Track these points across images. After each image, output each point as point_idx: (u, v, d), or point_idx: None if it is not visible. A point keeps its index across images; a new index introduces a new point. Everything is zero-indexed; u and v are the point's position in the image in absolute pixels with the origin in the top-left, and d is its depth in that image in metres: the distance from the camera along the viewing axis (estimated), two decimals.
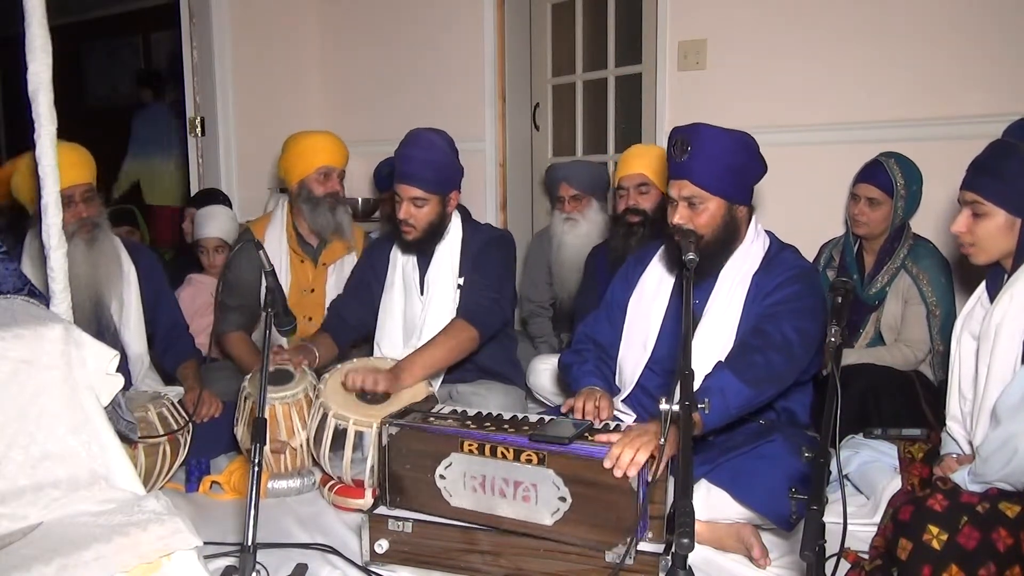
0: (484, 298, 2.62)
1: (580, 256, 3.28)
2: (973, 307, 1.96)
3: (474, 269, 2.68)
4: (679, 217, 2.09)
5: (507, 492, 1.90)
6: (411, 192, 2.58)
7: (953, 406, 1.99)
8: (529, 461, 1.87)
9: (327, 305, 2.94)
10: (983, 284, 1.96)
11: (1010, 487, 1.67)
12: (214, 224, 3.49)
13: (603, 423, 2.06)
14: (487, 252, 2.71)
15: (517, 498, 1.89)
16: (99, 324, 2.61)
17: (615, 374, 2.36)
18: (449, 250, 2.71)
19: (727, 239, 2.14)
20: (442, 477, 1.97)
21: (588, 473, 1.82)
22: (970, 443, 1.92)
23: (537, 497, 1.87)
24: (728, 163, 2.06)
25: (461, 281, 2.70)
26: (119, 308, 2.71)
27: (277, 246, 2.96)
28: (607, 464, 1.78)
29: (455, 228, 2.73)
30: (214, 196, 3.92)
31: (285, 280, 2.96)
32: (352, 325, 2.82)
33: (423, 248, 2.69)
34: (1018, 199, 1.82)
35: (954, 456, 1.98)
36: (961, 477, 1.77)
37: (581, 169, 3.39)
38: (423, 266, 2.73)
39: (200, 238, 3.50)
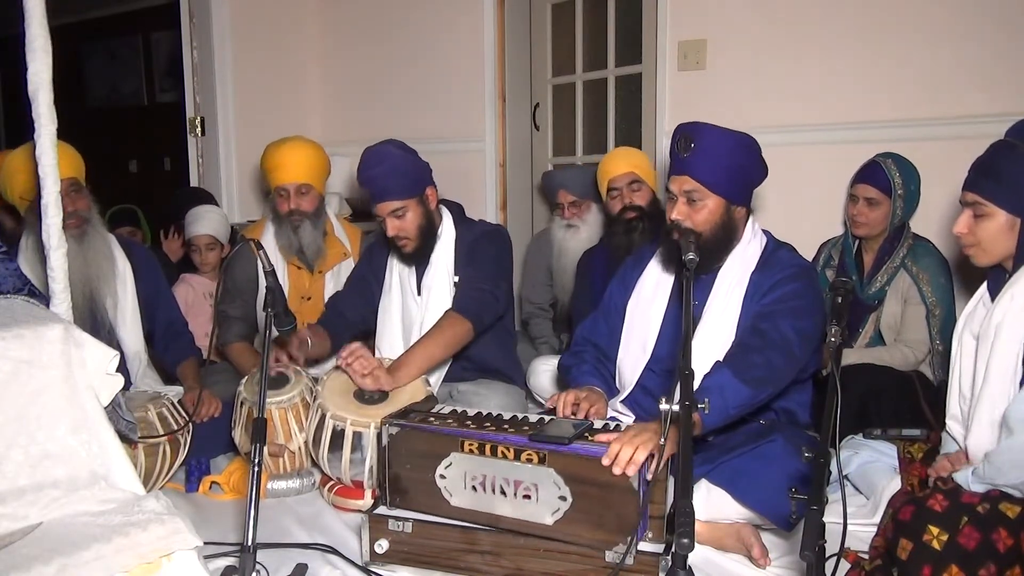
0: (476, 290, 2.60)
1: None
2: (975, 307, 1.96)
3: (468, 264, 2.68)
4: (677, 213, 2.10)
5: (507, 491, 1.90)
6: (388, 207, 2.57)
7: (953, 406, 2.00)
8: (530, 460, 1.87)
9: None
10: (985, 284, 1.96)
11: (1018, 493, 1.67)
12: (205, 222, 3.48)
13: (603, 423, 2.06)
14: (480, 246, 2.70)
15: (518, 497, 1.89)
16: (94, 321, 2.61)
17: (614, 376, 2.37)
18: (444, 251, 2.70)
19: (724, 238, 2.14)
20: (442, 477, 1.97)
21: (589, 472, 1.82)
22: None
23: (538, 496, 1.87)
24: (730, 162, 2.07)
25: (457, 279, 2.70)
26: (114, 305, 2.70)
27: (273, 254, 2.91)
28: (606, 462, 1.78)
29: (448, 229, 2.72)
30: (198, 196, 3.90)
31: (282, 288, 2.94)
32: (352, 321, 2.81)
33: (422, 255, 2.68)
34: (1018, 199, 1.82)
35: (949, 455, 1.98)
36: (964, 477, 1.77)
37: (578, 175, 3.38)
38: (420, 269, 2.72)
39: (192, 236, 3.50)
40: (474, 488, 1.94)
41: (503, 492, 1.91)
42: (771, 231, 2.29)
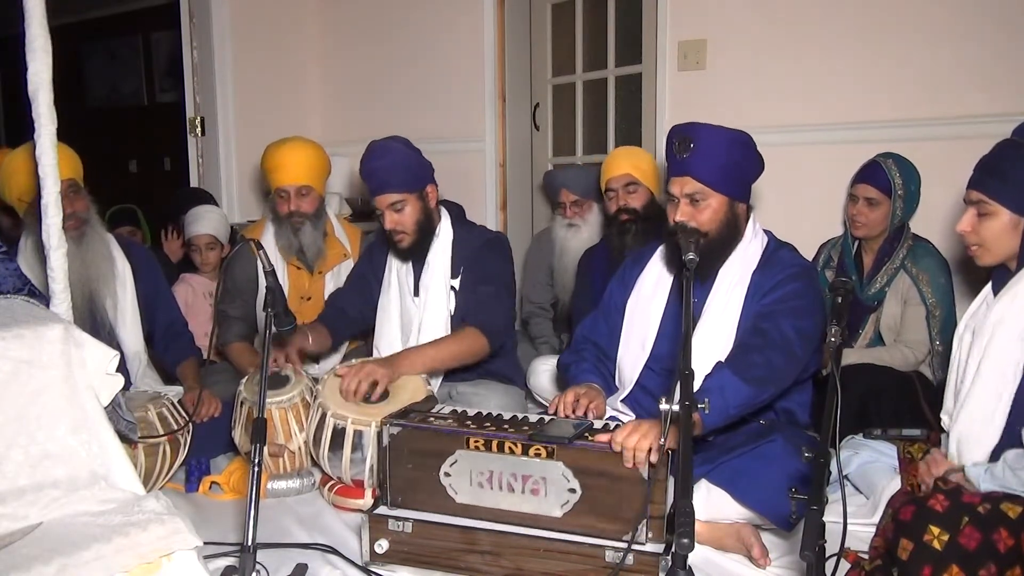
0: (496, 312, 2.61)
1: None
2: (979, 307, 1.97)
3: (475, 277, 2.67)
4: (681, 214, 2.09)
5: (515, 487, 1.92)
6: (387, 200, 2.57)
7: (948, 401, 2.00)
8: (538, 455, 1.89)
9: None
10: (989, 285, 1.97)
11: None
12: (205, 222, 3.48)
13: (603, 423, 2.06)
14: (486, 257, 2.70)
15: (526, 492, 1.91)
16: (94, 321, 2.61)
17: (614, 374, 2.37)
18: (441, 251, 2.70)
19: (729, 236, 2.14)
20: (447, 475, 1.97)
21: (599, 464, 1.85)
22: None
23: (546, 490, 1.89)
24: (728, 160, 2.07)
25: (455, 283, 2.70)
26: (113, 305, 2.70)
27: (273, 254, 2.90)
28: (616, 448, 1.80)
29: (445, 229, 2.72)
30: (198, 196, 3.90)
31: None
32: (352, 318, 2.81)
33: (419, 251, 2.67)
34: (1023, 199, 1.82)
35: (928, 460, 1.99)
36: (976, 474, 1.77)
37: (580, 174, 3.40)
38: (417, 269, 2.72)
39: (192, 236, 3.50)
40: (480, 484, 1.95)
41: (511, 488, 1.92)
42: (771, 231, 2.29)
